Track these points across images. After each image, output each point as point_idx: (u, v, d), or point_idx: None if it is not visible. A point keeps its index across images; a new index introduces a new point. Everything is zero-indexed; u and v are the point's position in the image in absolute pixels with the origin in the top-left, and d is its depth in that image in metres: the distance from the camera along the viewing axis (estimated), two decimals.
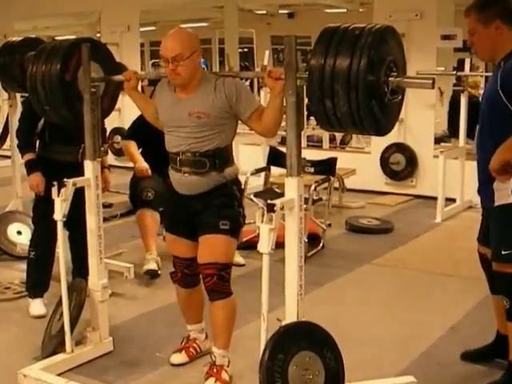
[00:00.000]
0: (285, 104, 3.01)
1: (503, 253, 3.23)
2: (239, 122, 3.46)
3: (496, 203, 3.24)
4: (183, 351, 3.77)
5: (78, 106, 3.69)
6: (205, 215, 3.41)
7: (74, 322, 3.68)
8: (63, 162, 4.29)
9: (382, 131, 2.89)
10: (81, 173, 3.74)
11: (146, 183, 5.37)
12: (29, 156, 4.42)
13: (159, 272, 5.12)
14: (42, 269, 4.45)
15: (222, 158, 3.40)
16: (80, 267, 4.27)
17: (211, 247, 3.39)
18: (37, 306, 4.40)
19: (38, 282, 4.47)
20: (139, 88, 4.29)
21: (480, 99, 3.38)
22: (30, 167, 4.41)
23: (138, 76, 3.63)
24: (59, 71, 3.62)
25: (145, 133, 5.37)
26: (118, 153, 9.67)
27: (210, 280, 3.38)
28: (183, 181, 3.43)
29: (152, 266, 5.15)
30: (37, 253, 4.42)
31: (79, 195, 3.67)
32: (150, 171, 5.37)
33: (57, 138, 4.36)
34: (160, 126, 3.60)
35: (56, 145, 4.37)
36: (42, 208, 4.34)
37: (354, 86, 2.65)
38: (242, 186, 3.81)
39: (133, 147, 5.52)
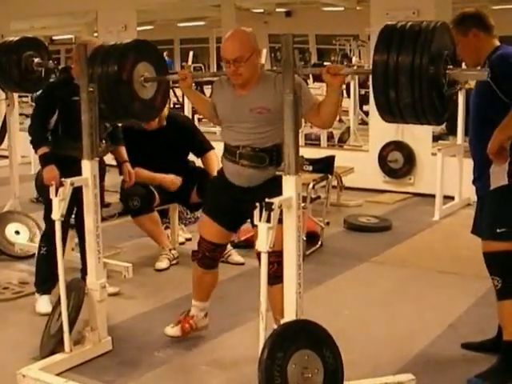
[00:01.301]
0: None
1: (498, 231, 3.39)
2: None
3: (492, 186, 3.41)
4: (179, 325, 3.92)
5: (132, 106, 3.79)
6: None
7: (72, 322, 3.68)
8: (76, 158, 4.14)
9: (440, 120, 3.09)
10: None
11: (130, 191, 5.30)
12: (43, 150, 4.37)
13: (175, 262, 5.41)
14: (52, 264, 4.40)
15: (279, 153, 3.45)
16: None
17: None
18: (44, 304, 4.40)
19: (47, 277, 4.43)
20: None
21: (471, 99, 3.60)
22: (45, 160, 4.38)
23: (193, 75, 3.75)
24: (116, 70, 3.67)
25: (141, 153, 5.31)
26: None
27: (272, 267, 3.41)
28: (241, 173, 3.58)
29: (163, 265, 5.34)
30: (48, 248, 4.37)
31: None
32: (179, 178, 5.37)
33: (70, 134, 4.28)
34: (216, 123, 3.84)
35: (69, 140, 4.30)
36: (49, 208, 4.32)
37: (417, 77, 2.80)
38: None
39: (141, 171, 5.32)
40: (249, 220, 3.69)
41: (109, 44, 3.90)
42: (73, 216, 4.44)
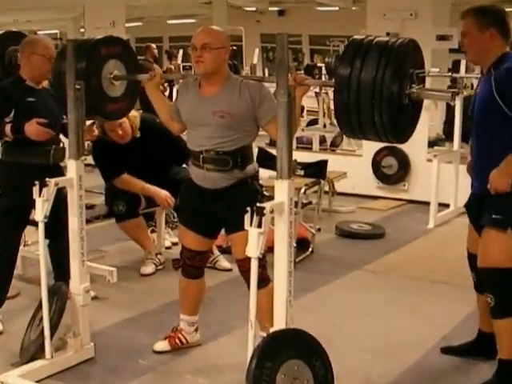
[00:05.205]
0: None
1: (493, 216, 3.32)
2: None
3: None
4: (167, 340, 3.89)
5: (99, 104, 3.79)
6: (230, 214, 3.48)
7: (54, 327, 3.60)
8: (33, 164, 4.01)
9: (402, 139, 3.05)
10: (53, 176, 3.58)
11: (116, 196, 5.22)
12: (7, 124, 3.95)
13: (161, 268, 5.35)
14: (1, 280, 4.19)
15: (243, 156, 3.54)
16: (62, 272, 4.10)
17: (245, 244, 3.31)
18: None
19: None
20: None
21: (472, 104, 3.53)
22: (16, 126, 3.95)
23: (162, 74, 3.73)
24: (85, 67, 3.65)
25: (123, 161, 5.19)
26: None
27: None
28: (207, 176, 3.56)
29: (149, 270, 5.27)
30: None
31: (59, 200, 3.57)
32: (172, 199, 5.19)
33: (26, 138, 3.97)
34: (173, 129, 3.80)
35: (25, 145, 4.02)
36: (4, 218, 4.14)
37: (378, 94, 2.79)
38: None
39: (134, 181, 5.19)
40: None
41: (80, 39, 3.94)
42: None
